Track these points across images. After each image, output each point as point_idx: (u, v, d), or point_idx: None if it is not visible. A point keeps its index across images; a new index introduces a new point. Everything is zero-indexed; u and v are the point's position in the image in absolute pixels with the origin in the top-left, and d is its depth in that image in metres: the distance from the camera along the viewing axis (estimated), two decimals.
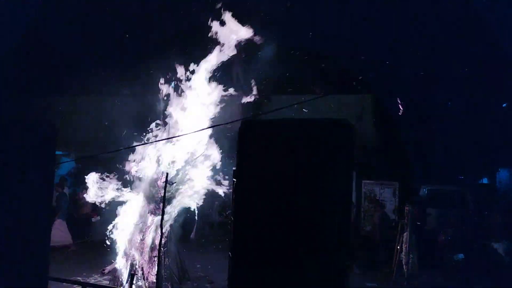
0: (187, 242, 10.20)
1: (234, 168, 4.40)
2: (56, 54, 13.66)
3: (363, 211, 11.57)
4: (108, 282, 7.48)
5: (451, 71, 14.41)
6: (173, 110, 7.44)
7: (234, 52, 8.06)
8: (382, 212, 10.30)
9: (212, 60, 7.56)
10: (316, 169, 2.25)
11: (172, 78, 7.69)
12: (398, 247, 8.38)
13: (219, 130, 7.45)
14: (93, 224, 11.42)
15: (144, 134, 7.41)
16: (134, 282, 6.99)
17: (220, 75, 8.03)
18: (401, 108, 11.35)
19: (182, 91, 7.57)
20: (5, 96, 14.34)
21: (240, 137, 2.49)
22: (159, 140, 7.07)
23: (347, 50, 12.68)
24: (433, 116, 14.70)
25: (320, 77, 13.01)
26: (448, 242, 10.06)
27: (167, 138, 6.24)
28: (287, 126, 2.29)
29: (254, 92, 11.98)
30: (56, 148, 3.26)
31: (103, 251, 9.01)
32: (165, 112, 7.67)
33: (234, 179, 4.21)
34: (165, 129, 7.54)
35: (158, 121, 7.73)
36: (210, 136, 7.64)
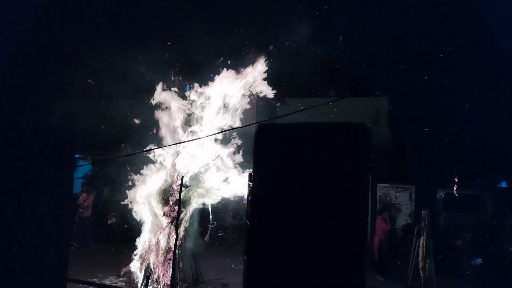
0: (201, 245, 10.25)
1: (249, 171, 4.41)
2: (72, 59, 13.91)
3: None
4: (123, 284, 7.55)
5: (469, 72, 14.19)
6: (187, 113, 7.50)
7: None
8: (390, 215, 10.09)
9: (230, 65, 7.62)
10: (332, 172, 2.24)
11: (186, 84, 7.76)
12: (415, 252, 8.26)
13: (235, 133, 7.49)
14: (108, 226, 11.55)
15: (160, 137, 7.46)
16: (149, 284, 7.04)
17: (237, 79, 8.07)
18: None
19: (199, 94, 7.63)
20: (23, 101, 14.68)
21: (256, 140, 2.50)
22: (174, 144, 7.12)
23: (361, 52, 12.61)
24: (450, 118, 14.48)
25: (335, 80, 12.96)
26: (465, 246, 9.87)
27: (182, 142, 6.28)
28: (303, 130, 2.29)
29: (269, 95, 12.00)
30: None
31: (118, 253, 9.13)
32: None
33: (249, 183, 4.22)
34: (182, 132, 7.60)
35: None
36: (225, 140, 7.69)
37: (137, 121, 8.02)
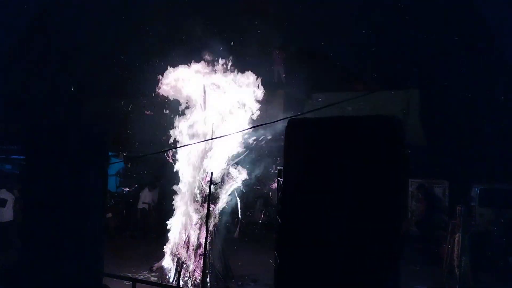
0: (231, 241, 10.32)
1: (279, 168, 4.39)
2: (105, 60, 14.27)
3: (410, 211, 11.17)
4: (156, 279, 7.71)
5: (504, 63, 13.60)
6: (216, 110, 7.55)
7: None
8: (428, 207, 9.84)
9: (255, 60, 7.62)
10: (365, 167, 2.19)
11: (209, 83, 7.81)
12: (449, 248, 8.03)
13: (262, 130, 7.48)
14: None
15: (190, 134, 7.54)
16: (180, 279, 7.17)
17: (262, 74, 8.07)
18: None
19: (225, 92, 7.67)
20: (59, 101, 15.21)
21: (287, 135, 2.47)
22: (203, 141, 7.19)
23: (390, 44, 12.31)
24: (485, 110, 13.92)
25: (363, 74, 12.72)
26: (503, 243, 9.50)
27: (212, 139, 6.33)
28: (335, 123, 2.25)
29: (296, 90, 11.93)
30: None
31: (151, 248, 9.33)
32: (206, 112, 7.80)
33: (279, 178, 4.21)
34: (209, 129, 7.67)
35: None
36: (253, 136, 7.71)
37: (166, 119, 8.14)
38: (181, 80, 7.43)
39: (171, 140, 7.63)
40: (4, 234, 9.02)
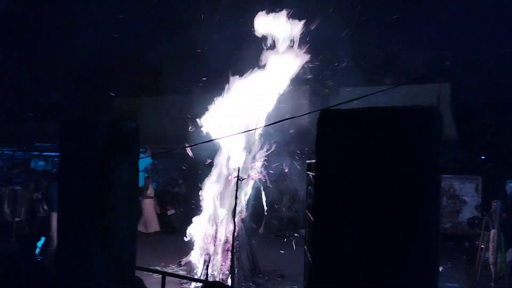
0: (257, 236, 10.35)
1: (308, 162, 4.35)
2: (134, 57, 14.55)
3: (441, 207, 10.85)
4: (185, 273, 7.81)
5: None
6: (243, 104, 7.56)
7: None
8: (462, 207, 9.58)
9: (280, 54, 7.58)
10: (402, 160, 2.12)
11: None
12: (482, 246, 7.76)
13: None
14: (168, 217, 12.01)
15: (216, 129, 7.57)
16: (208, 274, 7.24)
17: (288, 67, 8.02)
18: None
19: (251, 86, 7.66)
20: (88, 97, 15.64)
21: (319, 128, 2.40)
22: (229, 136, 7.20)
23: (420, 35, 11.97)
24: None
25: (391, 67, 12.43)
26: None
27: (237, 133, 6.33)
28: (370, 115, 2.17)
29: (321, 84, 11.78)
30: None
31: (179, 242, 9.46)
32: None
33: (308, 172, 4.17)
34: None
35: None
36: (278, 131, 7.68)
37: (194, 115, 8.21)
38: None
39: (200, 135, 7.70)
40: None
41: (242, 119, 7.36)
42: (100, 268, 2.86)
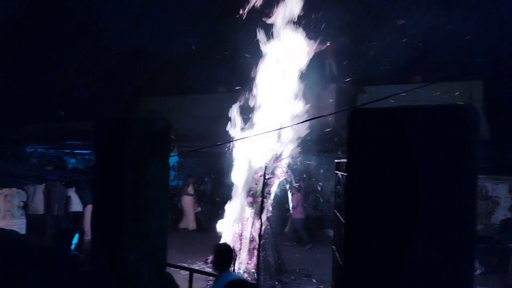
0: (281, 235, 10.34)
1: (336, 161, 4.32)
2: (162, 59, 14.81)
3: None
4: (211, 270, 7.88)
5: None
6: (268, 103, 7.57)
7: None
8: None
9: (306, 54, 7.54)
10: (438, 160, 2.07)
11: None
12: None
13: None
14: (195, 215, 12.16)
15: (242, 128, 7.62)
16: (234, 271, 7.28)
17: (313, 67, 7.98)
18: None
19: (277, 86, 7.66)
20: (123, 97, 16.05)
21: (350, 128, 2.38)
22: (255, 135, 7.23)
23: (450, 31, 11.61)
24: None
25: (420, 65, 12.14)
26: None
27: (264, 133, 6.34)
28: (403, 113, 2.13)
29: (347, 83, 11.63)
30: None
31: (205, 240, 9.57)
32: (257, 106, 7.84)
33: (337, 172, 4.14)
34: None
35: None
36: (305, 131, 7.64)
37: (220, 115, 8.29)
38: None
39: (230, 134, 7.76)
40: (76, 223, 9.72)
41: (268, 118, 7.38)
42: (134, 263, 2.93)
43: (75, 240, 3.93)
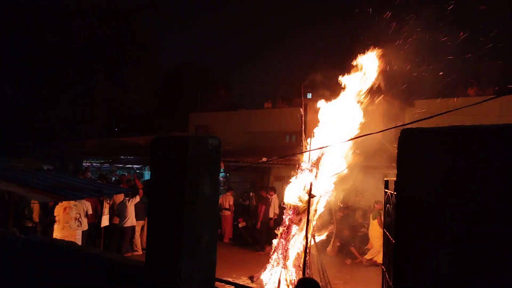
0: (325, 255, 10.15)
1: (385, 179, 4.24)
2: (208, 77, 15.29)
3: None
4: (256, 286, 7.88)
5: None
6: (317, 120, 7.57)
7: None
8: None
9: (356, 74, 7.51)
10: (500, 187, 1.97)
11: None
12: None
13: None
14: (239, 230, 12.27)
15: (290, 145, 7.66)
16: None
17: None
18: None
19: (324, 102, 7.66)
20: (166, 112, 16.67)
21: (401, 148, 2.36)
22: (301, 152, 7.24)
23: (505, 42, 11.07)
24: None
25: (479, 77, 11.63)
26: None
27: (313, 150, 6.34)
28: (460, 134, 2.07)
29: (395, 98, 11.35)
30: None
31: (249, 255, 9.61)
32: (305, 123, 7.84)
33: (386, 190, 4.06)
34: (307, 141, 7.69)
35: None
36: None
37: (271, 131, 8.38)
38: None
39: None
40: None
41: (318, 135, 7.36)
42: (186, 277, 3.03)
43: None
